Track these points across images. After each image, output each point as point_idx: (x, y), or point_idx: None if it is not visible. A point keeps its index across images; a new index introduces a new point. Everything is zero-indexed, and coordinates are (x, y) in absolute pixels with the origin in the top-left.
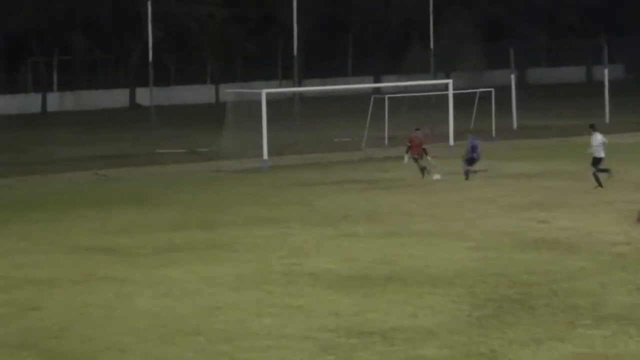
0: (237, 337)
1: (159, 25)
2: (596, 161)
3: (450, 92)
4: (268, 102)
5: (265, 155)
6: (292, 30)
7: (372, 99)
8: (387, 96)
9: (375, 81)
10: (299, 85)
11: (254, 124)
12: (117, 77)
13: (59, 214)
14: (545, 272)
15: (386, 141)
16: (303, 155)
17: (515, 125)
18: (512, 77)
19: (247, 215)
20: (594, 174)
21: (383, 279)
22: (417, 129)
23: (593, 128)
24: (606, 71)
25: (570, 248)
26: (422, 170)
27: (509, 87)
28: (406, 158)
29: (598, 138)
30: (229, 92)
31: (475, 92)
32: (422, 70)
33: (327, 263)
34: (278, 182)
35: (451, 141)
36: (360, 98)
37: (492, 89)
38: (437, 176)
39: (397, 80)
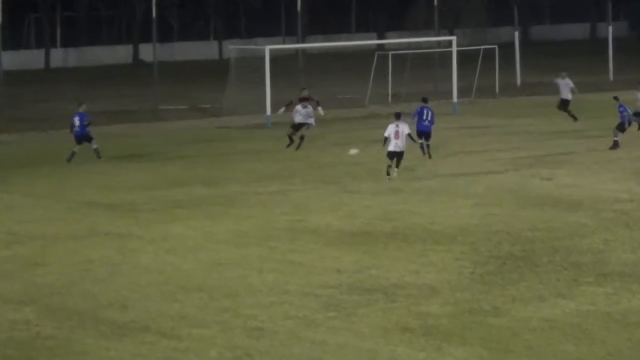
0: (239, 293)
1: None
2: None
3: (454, 49)
4: (271, 59)
5: (269, 112)
6: None
7: (375, 55)
8: (390, 53)
9: (379, 38)
10: (302, 42)
11: (257, 80)
12: (120, 34)
13: (61, 170)
14: (548, 229)
15: (389, 98)
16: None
17: (518, 82)
18: (516, 34)
19: (250, 172)
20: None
21: (385, 236)
22: (303, 89)
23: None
24: (610, 28)
25: (573, 205)
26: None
27: (513, 44)
28: (282, 110)
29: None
30: (232, 48)
31: (479, 49)
32: (426, 27)
33: (330, 219)
34: (281, 138)
35: (454, 98)
36: (364, 55)
37: (496, 46)
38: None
39: (400, 37)
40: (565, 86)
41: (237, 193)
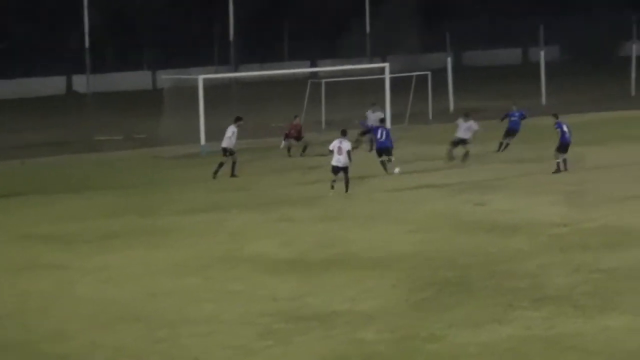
0: (176, 323)
1: (96, 10)
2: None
3: (387, 75)
4: (205, 88)
5: (203, 141)
6: (228, 15)
7: (308, 83)
8: (323, 80)
9: (312, 65)
10: (236, 71)
11: (192, 109)
12: (54, 64)
13: None
14: (483, 254)
15: (323, 125)
16: (241, 140)
17: (451, 108)
18: (449, 59)
19: (186, 201)
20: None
21: (322, 263)
22: (295, 116)
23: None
24: (542, 53)
25: (508, 230)
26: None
27: (446, 70)
28: (283, 144)
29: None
30: (166, 78)
31: (412, 76)
32: (359, 54)
33: (267, 247)
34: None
35: (388, 124)
36: (297, 83)
37: (429, 72)
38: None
39: (333, 65)
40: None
41: (173, 222)
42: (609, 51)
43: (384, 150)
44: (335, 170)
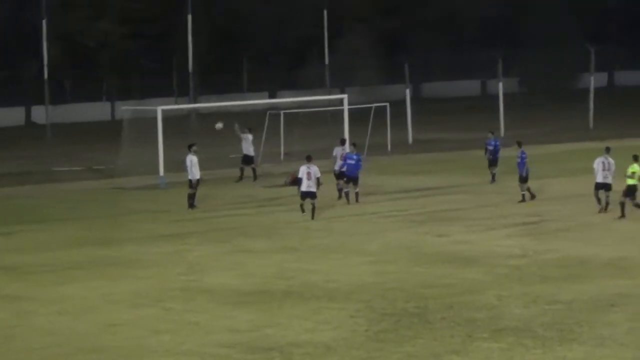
0: (134, 354)
1: (55, 42)
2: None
3: (346, 107)
4: (164, 119)
5: (162, 172)
6: (187, 47)
7: (267, 114)
8: (282, 112)
9: (271, 97)
10: (195, 102)
11: (151, 140)
12: (13, 95)
13: None
14: (442, 285)
15: (282, 157)
16: (200, 171)
17: (410, 139)
18: (407, 91)
19: (145, 232)
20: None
21: (281, 294)
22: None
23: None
24: (500, 85)
25: (467, 261)
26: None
27: (404, 101)
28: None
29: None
30: (125, 109)
31: (371, 107)
32: (318, 86)
33: (225, 279)
34: (175, 198)
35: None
36: (256, 114)
37: (387, 104)
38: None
39: (293, 96)
40: (247, 141)
41: (132, 253)
42: (567, 83)
43: (351, 178)
44: (305, 195)
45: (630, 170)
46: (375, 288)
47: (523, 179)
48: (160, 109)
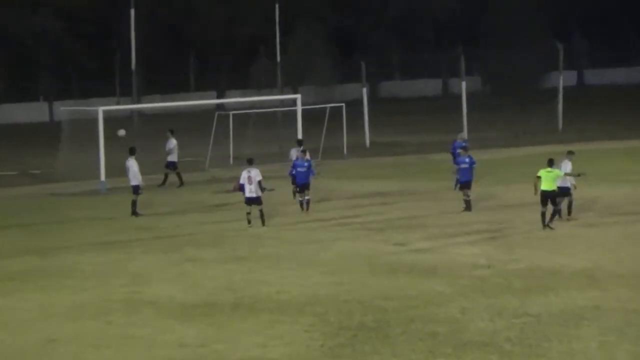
0: None
1: None
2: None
3: (299, 107)
4: (106, 120)
5: (103, 177)
6: (130, 44)
7: (215, 115)
8: (231, 113)
9: (219, 97)
10: (138, 102)
11: (91, 143)
12: None
13: None
14: (402, 297)
15: (231, 160)
16: (143, 176)
17: (367, 142)
18: (364, 90)
19: (85, 240)
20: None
21: (230, 307)
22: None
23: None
24: (463, 84)
25: (428, 271)
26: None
27: (361, 101)
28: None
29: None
30: (64, 110)
31: (326, 108)
32: (269, 85)
33: (171, 290)
34: (117, 205)
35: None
36: (204, 115)
37: (343, 104)
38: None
39: (242, 96)
40: (172, 146)
41: (72, 263)
42: (534, 83)
43: (301, 185)
44: (248, 201)
45: (539, 174)
46: (330, 300)
47: (468, 185)
48: (102, 109)
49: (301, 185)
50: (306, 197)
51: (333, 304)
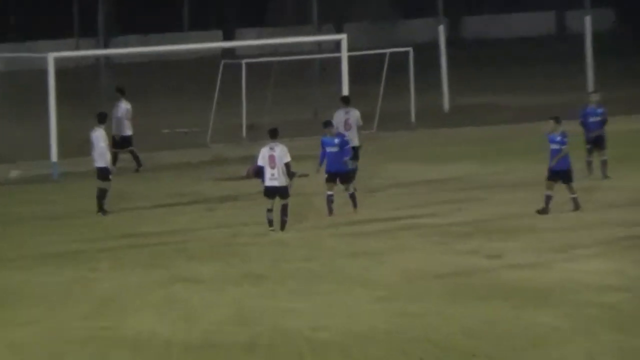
0: None
1: None
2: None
3: (344, 54)
4: (59, 72)
5: (55, 157)
6: None
7: (221, 65)
8: (243, 62)
9: (226, 38)
10: (106, 46)
11: (37, 107)
12: None
13: None
14: (497, 335)
15: (244, 132)
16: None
17: (446, 104)
18: (440, 29)
19: (33, 251)
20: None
21: (242, 350)
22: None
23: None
24: (587, 19)
25: (535, 297)
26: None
27: (436, 45)
28: None
29: None
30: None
31: (384, 54)
32: (300, 22)
33: (154, 324)
34: (77, 197)
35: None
36: (203, 64)
37: (410, 49)
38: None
39: (259, 38)
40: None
41: (13, 284)
42: None
43: (339, 175)
44: (269, 192)
45: None
46: (391, 339)
47: (566, 177)
48: (53, 56)
49: (331, 174)
50: (350, 192)
51: (396, 344)
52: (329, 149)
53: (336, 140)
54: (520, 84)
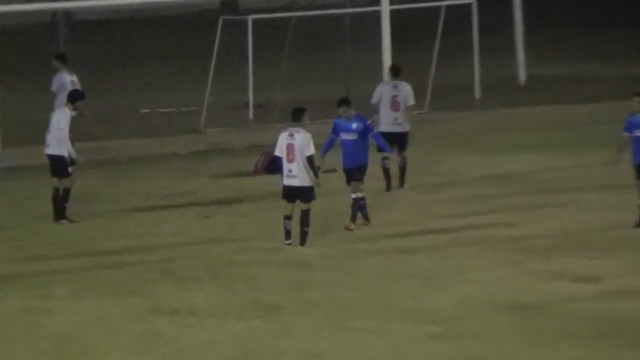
0: None
1: None
2: None
3: (386, 7)
4: (4, 33)
5: None
6: None
7: (220, 22)
8: (250, 17)
9: None
10: None
11: None
12: None
13: None
14: None
15: (250, 113)
16: (78, 143)
17: (521, 75)
18: None
19: None
20: None
21: None
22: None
23: None
24: None
25: None
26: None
27: (508, 3)
28: None
29: None
30: None
31: (438, 10)
32: None
33: None
34: (25, 199)
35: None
36: (199, 21)
37: (472, 2)
38: None
39: None
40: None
41: None
42: None
43: (358, 168)
44: (289, 194)
45: None
46: None
47: None
48: None
49: (349, 170)
50: (353, 195)
51: None
52: (344, 136)
53: (354, 125)
54: (613, 49)
